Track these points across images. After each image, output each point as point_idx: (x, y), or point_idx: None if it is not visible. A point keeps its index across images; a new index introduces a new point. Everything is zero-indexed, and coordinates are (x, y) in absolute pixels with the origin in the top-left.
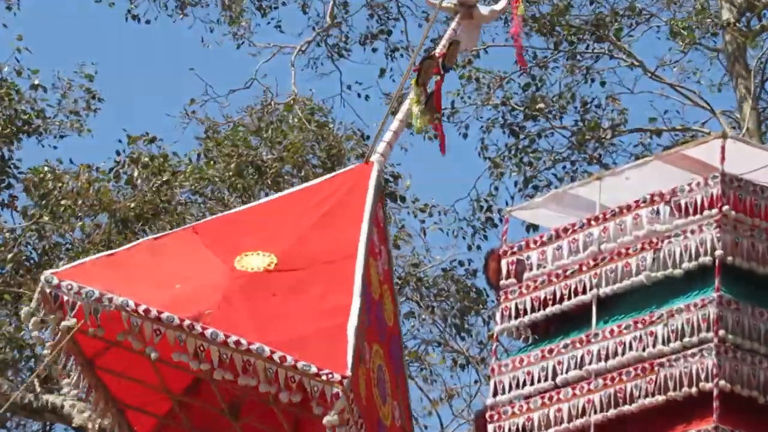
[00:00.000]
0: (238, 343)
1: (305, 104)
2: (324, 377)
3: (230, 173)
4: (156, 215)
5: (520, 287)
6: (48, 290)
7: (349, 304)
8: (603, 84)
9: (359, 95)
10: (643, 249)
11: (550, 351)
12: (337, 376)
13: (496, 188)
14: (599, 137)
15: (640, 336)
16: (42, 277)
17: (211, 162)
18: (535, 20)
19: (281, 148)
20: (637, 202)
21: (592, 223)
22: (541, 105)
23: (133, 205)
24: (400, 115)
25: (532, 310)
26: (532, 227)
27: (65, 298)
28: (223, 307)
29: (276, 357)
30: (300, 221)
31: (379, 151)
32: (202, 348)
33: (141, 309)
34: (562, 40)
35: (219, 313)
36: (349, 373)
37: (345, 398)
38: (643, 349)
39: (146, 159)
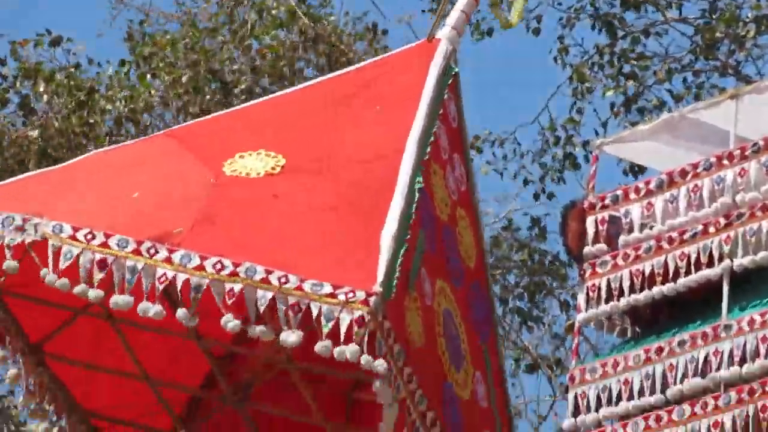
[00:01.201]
0: (219, 265)
1: None
2: (342, 297)
3: (178, 91)
4: (70, 151)
5: (614, 257)
6: None
7: (386, 208)
8: None
9: None
10: None
11: (659, 350)
12: (361, 294)
13: (581, 111)
14: (737, 35)
15: None
16: None
17: (147, 75)
18: None
19: (254, 53)
20: None
21: (724, 162)
22: None
23: (35, 135)
24: None
25: (632, 291)
26: (634, 168)
27: None
28: (200, 223)
29: (273, 278)
30: (323, 116)
31: (450, 23)
32: (164, 280)
33: (81, 234)
34: None
35: (193, 232)
36: (379, 288)
37: (374, 323)
38: None
39: (47, 70)
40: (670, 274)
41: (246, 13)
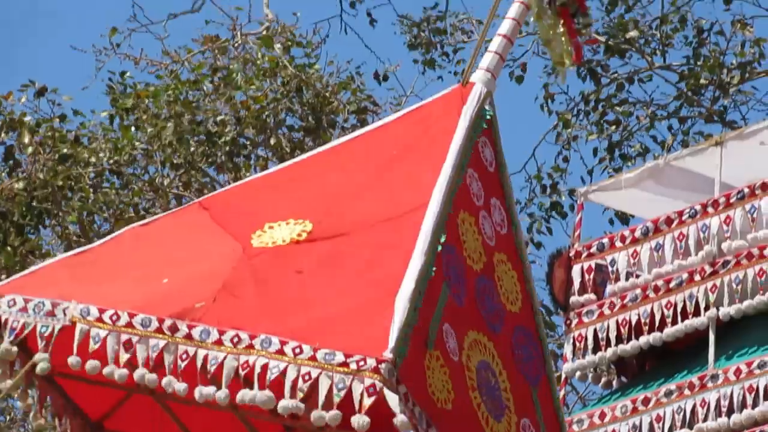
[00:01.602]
0: (236, 338)
1: (288, 35)
2: (354, 365)
3: (162, 143)
4: (55, 204)
5: (600, 306)
6: None
7: (404, 269)
8: (728, 1)
9: (369, 15)
10: None
11: (646, 401)
12: (372, 362)
13: (566, 159)
14: (722, 82)
15: None
16: None
17: (131, 127)
18: None
19: (238, 104)
20: None
21: (709, 209)
22: (634, 33)
23: (20, 186)
24: (512, 12)
25: (619, 341)
26: (619, 216)
27: (5, 317)
28: (222, 297)
29: (288, 349)
30: (354, 175)
31: (484, 65)
32: (186, 357)
33: (107, 316)
34: None
35: (215, 306)
36: (389, 354)
37: (386, 389)
38: None
39: (33, 122)
40: (657, 324)
41: (230, 63)
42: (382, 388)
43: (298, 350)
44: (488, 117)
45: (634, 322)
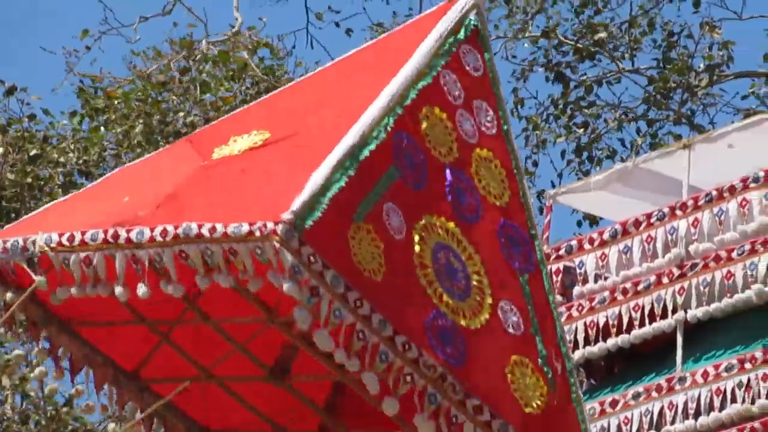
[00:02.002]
0: (164, 232)
1: (252, 41)
2: (258, 233)
3: (132, 143)
4: (24, 204)
5: (568, 308)
6: None
7: (336, 143)
8: (697, 4)
9: (337, 25)
10: (753, 252)
11: (614, 403)
12: (270, 225)
13: (535, 163)
14: (690, 85)
15: (748, 381)
16: None
17: (100, 127)
18: None
19: (208, 105)
20: (745, 181)
21: (677, 212)
22: (603, 36)
23: None
24: None
25: (587, 342)
26: (588, 219)
27: None
28: (165, 203)
29: (205, 230)
30: (322, 91)
31: None
32: (134, 259)
33: (65, 238)
34: None
35: (157, 211)
36: (288, 215)
37: (286, 250)
38: (752, 401)
39: (3, 121)
40: (624, 326)
41: (198, 64)
42: (280, 248)
43: (212, 230)
44: (473, 26)
45: (602, 325)
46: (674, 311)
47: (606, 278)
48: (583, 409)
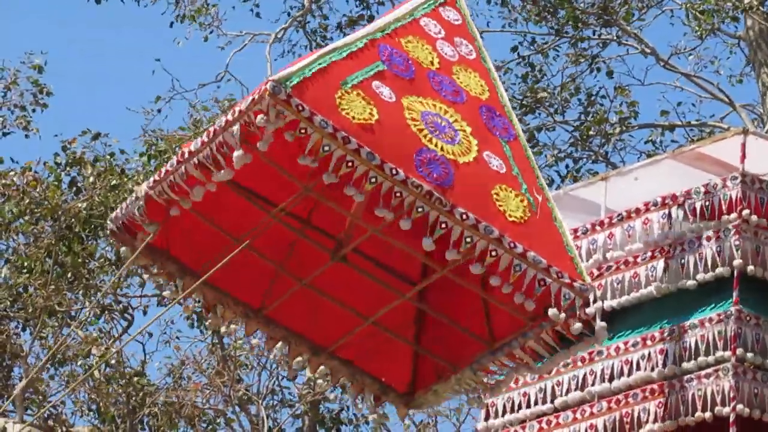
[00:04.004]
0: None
1: None
2: (256, 97)
3: None
4: (106, 219)
5: None
6: (110, 228)
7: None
8: (610, 74)
9: None
10: (653, 258)
11: (549, 371)
12: (262, 89)
13: None
14: (606, 132)
15: (649, 354)
16: (108, 221)
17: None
18: (534, 2)
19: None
20: (647, 204)
21: (597, 228)
22: (542, 95)
23: (83, 206)
24: None
25: None
26: None
27: (124, 221)
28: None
29: (229, 116)
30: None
31: None
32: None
33: (150, 181)
34: (566, 25)
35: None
36: (275, 77)
37: (268, 98)
38: (652, 369)
39: (89, 159)
40: None
41: None
42: (269, 102)
43: (234, 113)
44: None
45: None
46: (594, 302)
47: None
48: (563, 226)
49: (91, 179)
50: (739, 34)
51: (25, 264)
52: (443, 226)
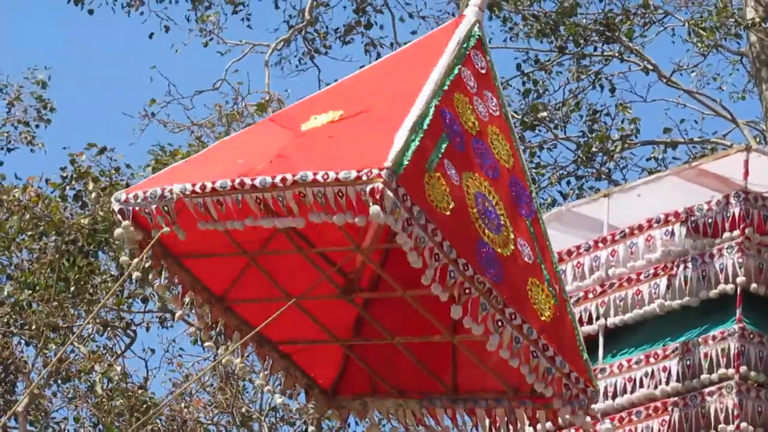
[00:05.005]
0: (284, 180)
1: (280, 104)
2: (365, 177)
3: None
4: (111, 235)
5: None
6: (118, 209)
7: (405, 115)
8: (613, 91)
9: None
10: (656, 275)
11: None
12: (375, 171)
13: None
14: (608, 150)
15: (652, 372)
16: (112, 199)
17: None
18: (537, 19)
19: None
20: (649, 221)
21: (599, 245)
22: (544, 113)
23: (86, 222)
24: None
25: None
26: None
27: (136, 208)
28: (275, 160)
29: (319, 176)
30: (372, 80)
31: (473, 2)
32: (259, 200)
33: (197, 187)
34: (568, 42)
35: (270, 165)
36: (389, 163)
37: (388, 191)
38: (656, 387)
39: (95, 173)
40: None
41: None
42: (383, 189)
43: (326, 176)
44: (477, 36)
45: None
46: (597, 319)
47: None
48: (575, 319)
49: (94, 195)
50: (742, 51)
51: (29, 280)
52: (499, 324)
